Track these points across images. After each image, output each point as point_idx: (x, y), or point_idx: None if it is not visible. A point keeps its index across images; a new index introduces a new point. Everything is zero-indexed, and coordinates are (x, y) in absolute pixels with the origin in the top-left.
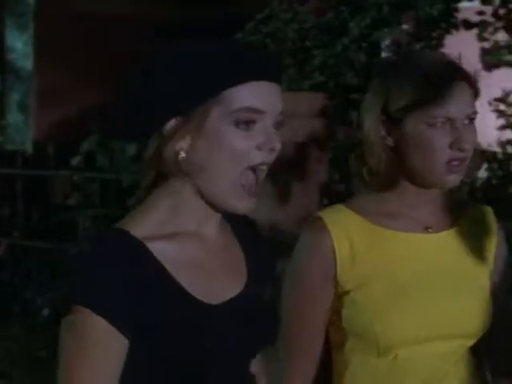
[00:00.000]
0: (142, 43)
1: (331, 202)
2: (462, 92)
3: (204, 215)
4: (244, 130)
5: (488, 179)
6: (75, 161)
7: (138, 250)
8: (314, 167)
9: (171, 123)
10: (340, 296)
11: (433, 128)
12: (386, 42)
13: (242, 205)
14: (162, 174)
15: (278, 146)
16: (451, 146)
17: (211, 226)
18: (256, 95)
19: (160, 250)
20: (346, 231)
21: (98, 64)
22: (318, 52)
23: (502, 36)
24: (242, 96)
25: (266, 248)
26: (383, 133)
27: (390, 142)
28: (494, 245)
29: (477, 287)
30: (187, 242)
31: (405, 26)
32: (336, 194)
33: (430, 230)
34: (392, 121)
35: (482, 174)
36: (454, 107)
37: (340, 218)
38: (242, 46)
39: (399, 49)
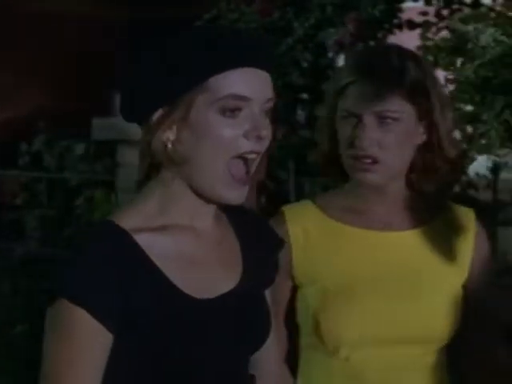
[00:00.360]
0: (90, 43)
1: (269, 202)
2: (366, 89)
3: (197, 207)
4: (230, 118)
5: None
6: (23, 160)
7: (123, 242)
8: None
9: (157, 114)
10: (295, 290)
11: (342, 121)
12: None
13: (233, 194)
14: (154, 165)
15: (264, 133)
16: (351, 142)
17: (205, 218)
18: (242, 82)
19: (147, 242)
20: (304, 226)
21: (45, 64)
22: None
23: (445, 36)
24: (228, 83)
25: (268, 232)
26: (329, 125)
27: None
28: (469, 248)
29: (442, 290)
30: (179, 235)
31: (349, 27)
32: (274, 194)
33: (390, 227)
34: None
35: None
36: (357, 103)
37: (301, 212)
38: (231, 33)
39: (342, 49)
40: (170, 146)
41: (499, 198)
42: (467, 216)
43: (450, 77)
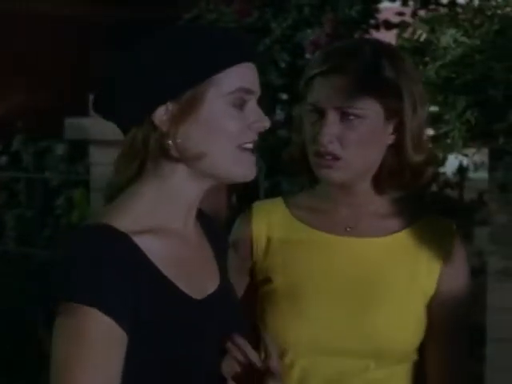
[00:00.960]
0: (71, 43)
1: (240, 201)
2: (332, 84)
3: (184, 211)
4: (238, 111)
5: None
6: (2, 160)
7: (125, 245)
8: None
9: (161, 110)
10: (255, 290)
11: (307, 116)
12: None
13: (250, 171)
14: (142, 165)
15: (267, 124)
16: (313, 138)
17: (189, 221)
18: (246, 76)
19: (146, 244)
20: (269, 223)
21: (23, 63)
22: None
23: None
24: (236, 77)
25: (224, 240)
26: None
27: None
28: (439, 264)
29: (399, 305)
30: (167, 238)
31: (326, 27)
32: (245, 192)
33: (353, 232)
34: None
35: None
36: (322, 97)
37: (268, 209)
38: (228, 30)
39: (318, 49)
40: (178, 140)
41: (466, 197)
42: (445, 230)
43: None
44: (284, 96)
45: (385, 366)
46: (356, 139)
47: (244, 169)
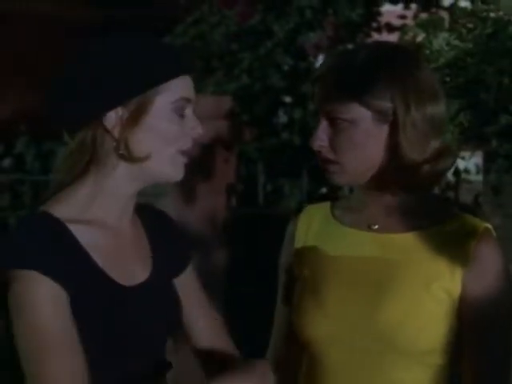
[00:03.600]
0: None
1: (239, 203)
2: (325, 90)
3: (120, 206)
4: (179, 118)
5: None
6: (6, 162)
7: (59, 231)
8: (220, 168)
9: (111, 114)
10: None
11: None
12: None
13: (181, 173)
14: (89, 162)
15: (201, 131)
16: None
17: (124, 217)
18: (187, 86)
19: (80, 232)
20: (310, 222)
21: (28, 64)
22: (245, 55)
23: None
24: (180, 87)
25: (179, 232)
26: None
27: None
28: (462, 265)
29: (417, 302)
30: (101, 230)
31: (328, 30)
32: (244, 195)
33: (373, 227)
34: None
35: None
36: (316, 103)
37: (314, 209)
38: (169, 44)
39: (319, 52)
40: (127, 144)
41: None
42: (470, 231)
43: None
44: (287, 99)
45: (406, 367)
46: (346, 143)
47: (177, 171)
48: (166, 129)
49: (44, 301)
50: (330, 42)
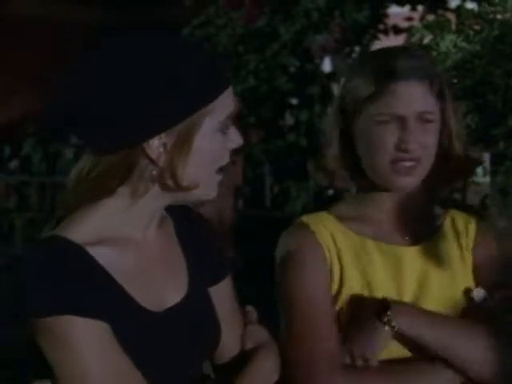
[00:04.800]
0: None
1: (246, 205)
2: (411, 90)
3: (144, 220)
4: (222, 135)
5: None
6: (13, 164)
7: (80, 259)
8: (227, 170)
9: (155, 141)
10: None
11: (380, 125)
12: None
13: (216, 191)
14: (120, 184)
15: (241, 142)
16: (396, 146)
17: (152, 228)
18: (231, 101)
19: (101, 255)
20: (331, 233)
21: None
22: (251, 57)
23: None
24: (226, 103)
25: (211, 234)
26: (341, 126)
27: (347, 137)
28: (469, 255)
29: (444, 303)
30: (127, 248)
31: (334, 32)
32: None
33: (407, 240)
34: (349, 116)
35: None
36: (402, 105)
37: (322, 221)
38: (215, 55)
39: (326, 54)
40: (171, 171)
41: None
42: (465, 223)
43: None
44: (293, 101)
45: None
46: (433, 142)
47: (214, 191)
48: (211, 151)
49: (89, 342)
50: (337, 44)
